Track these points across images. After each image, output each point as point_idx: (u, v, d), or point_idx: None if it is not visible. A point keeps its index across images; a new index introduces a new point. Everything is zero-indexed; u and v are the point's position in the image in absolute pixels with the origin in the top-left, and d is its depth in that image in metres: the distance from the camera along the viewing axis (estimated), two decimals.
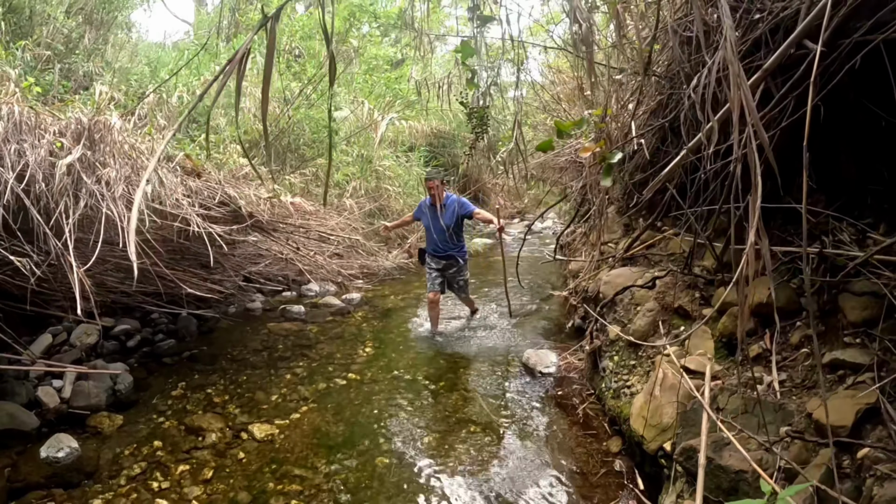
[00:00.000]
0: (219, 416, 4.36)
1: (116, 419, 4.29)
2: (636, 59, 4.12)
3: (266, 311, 7.10)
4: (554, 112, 8.38)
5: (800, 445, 2.21)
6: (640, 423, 3.25)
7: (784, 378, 2.70)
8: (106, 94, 5.22)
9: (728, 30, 1.81)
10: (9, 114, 3.97)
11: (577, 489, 3.38)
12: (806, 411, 2.37)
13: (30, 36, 6.37)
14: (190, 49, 9.73)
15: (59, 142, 4.04)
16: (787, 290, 3.09)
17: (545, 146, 3.22)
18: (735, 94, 1.74)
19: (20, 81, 4.48)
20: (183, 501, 3.37)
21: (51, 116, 4.29)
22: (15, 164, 3.74)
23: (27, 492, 3.43)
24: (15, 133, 3.91)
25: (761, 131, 1.68)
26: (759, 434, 2.40)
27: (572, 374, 4.99)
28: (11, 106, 4.03)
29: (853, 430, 2.14)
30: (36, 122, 4.13)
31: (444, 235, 6.10)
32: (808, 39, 2.09)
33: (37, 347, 4.97)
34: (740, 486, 2.23)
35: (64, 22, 7.02)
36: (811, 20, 2.03)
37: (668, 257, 4.74)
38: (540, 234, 13.06)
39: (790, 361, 2.78)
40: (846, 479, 2.02)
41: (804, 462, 2.13)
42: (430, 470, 3.64)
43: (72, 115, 4.32)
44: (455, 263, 6.23)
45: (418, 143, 11.71)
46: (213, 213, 5.10)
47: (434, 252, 6.27)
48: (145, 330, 6.01)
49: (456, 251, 6.22)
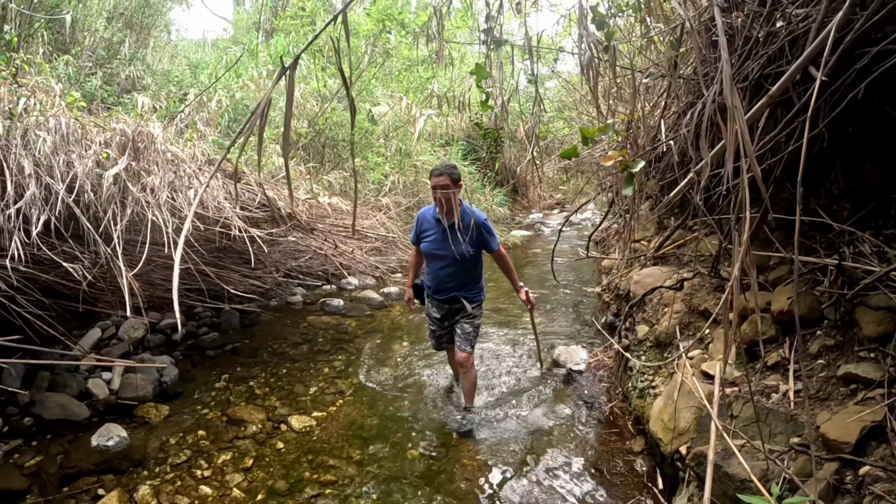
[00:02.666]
0: (259, 408, 4.58)
1: (163, 409, 4.53)
2: (662, 62, 4.13)
3: (306, 305, 7.30)
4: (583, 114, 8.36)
5: (805, 458, 2.28)
6: (659, 426, 3.34)
7: (799, 388, 2.75)
8: (147, 105, 5.46)
9: (724, 63, 1.87)
10: (56, 126, 4.18)
11: (597, 485, 3.50)
12: (815, 423, 2.42)
13: (72, 45, 6.65)
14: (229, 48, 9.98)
15: (105, 153, 4.27)
16: (809, 298, 3.11)
17: (569, 153, 3.30)
18: (731, 129, 1.80)
19: (65, 94, 4.72)
20: (225, 488, 3.59)
21: (96, 128, 4.53)
22: (64, 175, 3.99)
23: (78, 478, 3.66)
24: (63, 145, 4.15)
25: (754, 164, 1.75)
26: (769, 444, 2.47)
27: (602, 371, 5.06)
28: (58, 119, 4.24)
29: (857, 446, 2.19)
30: (82, 133, 4.36)
31: (455, 269, 4.11)
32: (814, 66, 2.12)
33: (87, 342, 5.23)
34: (745, 494, 2.31)
35: (105, 30, 7.30)
36: (818, 45, 2.07)
37: (697, 258, 4.76)
38: (578, 225, 13.06)
39: (807, 371, 2.82)
40: (846, 494, 2.08)
41: (808, 475, 2.19)
42: (458, 461, 3.81)
43: (116, 126, 4.55)
44: (462, 308, 4.26)
45: (456, 136, 11.80)
46: (254, 214, 5.33)
47: (436, 292, 4.28)
48: (190, 324, 6.24)
49: (466, 292, 4.22)
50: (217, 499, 3.49)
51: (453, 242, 3.93)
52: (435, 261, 4.17)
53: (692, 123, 2.96)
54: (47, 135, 4.06)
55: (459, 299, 4.22)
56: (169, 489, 3.57)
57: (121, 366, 4.80)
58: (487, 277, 4.46)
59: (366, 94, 9.48)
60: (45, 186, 3.91)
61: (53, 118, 4.24)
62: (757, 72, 2.78)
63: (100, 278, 4.15)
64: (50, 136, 4.08)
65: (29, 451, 3.92)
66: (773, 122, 2.95)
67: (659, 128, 4.49)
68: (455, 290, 4.20)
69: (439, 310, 4.37)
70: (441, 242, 4.04)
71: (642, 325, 4.69)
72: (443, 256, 4.08)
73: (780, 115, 2.85)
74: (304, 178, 6.70)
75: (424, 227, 4.18)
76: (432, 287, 4.28)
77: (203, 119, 6.46)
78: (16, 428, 4.17)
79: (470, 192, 11.02)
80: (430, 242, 4.12)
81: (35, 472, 3.72)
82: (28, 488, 3.56)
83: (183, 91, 7.60)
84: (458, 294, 4.21)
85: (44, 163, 3.97)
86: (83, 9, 7.19)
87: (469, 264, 4.11)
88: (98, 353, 5.15)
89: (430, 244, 4.13)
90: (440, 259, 4.12)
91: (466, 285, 4.17)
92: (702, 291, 4.22)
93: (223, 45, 11.20)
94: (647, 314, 4.78)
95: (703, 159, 2.20)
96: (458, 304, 4.26)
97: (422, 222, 4.21)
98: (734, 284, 1.72)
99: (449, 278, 4.17)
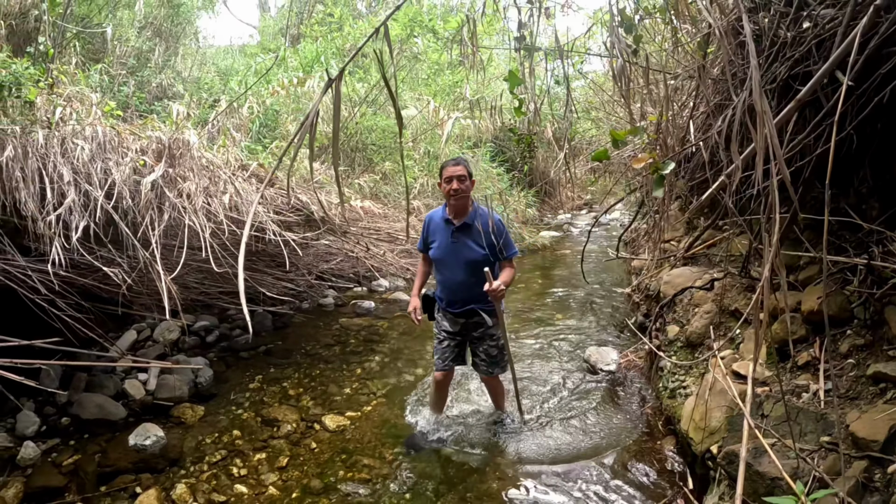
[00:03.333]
0: (293, 408, 4.68)
1: (198, 410, 4.64)
2: (690, 63, 4.15)
3: (338, 307, 7.42)
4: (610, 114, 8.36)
5: (835, 457, 2.30)
6: (690, 425, 3.36)
7: (829, 387, 2.76)
8: (182, 114, 5.63)
9: (753, 70, 1.92)
10: (93, 135, 4.31)
11: (628, 485, 3.53)
12: (845, 423, 2.45)
13: (104, 54, 6.86)
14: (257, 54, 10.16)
15: (141, 160, 4.40)
16: (839, 297, 3.12)
17: (600, 156, 3.34)
18: (760, 134, 1.85)
19: (102, 103, 4.88)
20: (260, 486, 3.69)
21: (132, 136, 4.66)
22: (102, 182, 4.10)
23: (116, 476, 3.76)
24: (100, 153, 4.26)
25: (783, 169, 1.79)
26: (800, 442, 2.49)
27: (633, 372, 5.09)
28: (95, 127, 4.36)
29: (885, 444, 2.22)
30: (119, 141, 4.48)
31: (469, 277, 3.66)
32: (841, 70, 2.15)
33: (123, 343, 5.39)
34: (776, 492, 2.34)
35: (136, 39, 7.52)
36: (843, 49, 2.10)
37: (728, 258, 4.75)
38: (607, 226, 13.03)
39: (837, 370, 2.84)
40: (875, 492, 2.11)
41: (837, 473, 2.22)
42: (490, 460, 3.87)
43: (151, 133, 4.68)
44: (482, 322, 3.81)
45: (484, 138, 11.87)
46: (287, 218, 5.46)
47: (449, 304, 3.83)
48: (223, 326, 6.36)
49: (486, 304, 3.74)
50: (253, 497, 3.59)
51: (466, 244, 3.61)
52: (446, 269, 3.75)
53: (723, 126, 2.99)
54: (85, 143, 4.17)
55: (477, 312, 3.76)
56: (205, 487, 3.67)
57: (157, 367, 4.91)
58: (517, 279, 4.47)
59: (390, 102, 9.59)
60: (84, 193, 4.02)
61: (90, 127, 4.35)
62: (784, 74, 2.81)
63: (137, 282, 4.28)
64: (87, 144, 4.19)
65: (67, 450, 4.04)
66: (802, 122, 2.96)
67: (688, 128, 4.50)
68: (472, 302, 3.73)
69: (453, 324, 3.89)
70: (452, 246, 3.65)
71: (673, 325, 4.71)
72: (455, 263, 3.68)
73: (808, 117, 2.87)
74: (335, 182, 6.81)
75: (433, 230, 3.79)
76: (445, 299, 3.84)
77: (234, 125, 6.62)
78: (54, 427, 4.29)
79: (500, 193, 11.07)
80: (441, 248, 3.72)
81: (73, 470, 3.84)
82: (66, 486, 3.67)
83: (213, 97, 7.78)
84: (476, 306, 3.75)
85: (82, 170, 4.08)
86: (114, 19, 7.42)
87: (480, 268, 3.52)
88: (134, 354, 5.29)
89: (441, 250, 3.72)
90: (452, 266, 3.70)
91: (484, 295, 3.55)
92: (732, 291, 4.23)
93: (251, 50, 11.42)
94: (678, 314, 4.79)
95: (733, 163, 2.24)
96: (475, 318, 3.80)
97: (430, 225, 3.82)
98: (764, 285, 1.77)
99: (463, 288, 3.72)
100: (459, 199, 3.57)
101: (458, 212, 3.64)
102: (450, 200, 3.60)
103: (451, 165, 3.55)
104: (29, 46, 5.24)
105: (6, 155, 3.76)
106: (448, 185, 3.52)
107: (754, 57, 1.97)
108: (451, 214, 3.67)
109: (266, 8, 16.51)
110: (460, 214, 3.64)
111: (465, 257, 3.62)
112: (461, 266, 3.66)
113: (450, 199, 3.59)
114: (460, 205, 3.60)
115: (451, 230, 3.65)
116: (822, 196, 3.29)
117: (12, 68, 4.22)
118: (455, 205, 3.60)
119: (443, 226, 3.71)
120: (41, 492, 3.60)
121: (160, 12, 8.46)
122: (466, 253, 3.61)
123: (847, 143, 2.78)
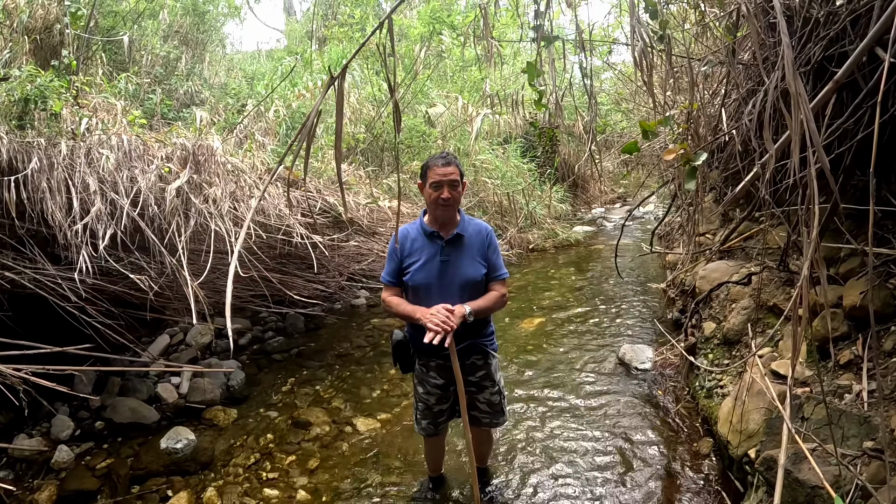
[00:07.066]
0: (325, 411, 4.66)
1: (230, 413, 4.66)
2: (719, 48, 3.98)
3: (370, 307, 7.39)
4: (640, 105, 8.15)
5: (879, 464, 2.15)
6: (727, 428, 3.22)
7: (874, 388, 2.60)
8: (206, 120, 5.66)
9: (786, 48, 1.79)
10: (119, 144, 4.34)
11: (663, 488, 3.41)
12: (890, 426, 2.29)
13: (130, 64, 6.94)
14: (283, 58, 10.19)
15: (167, 167, 4.43)
16: (883, 291, 2.94)
17: (630, 149, 3.22)
18: (795, 118, 1.72)
19: (126, 112, 4.93)
20: (290, 490, 3.67)
21: (157, 143, 4.69)
22: (128, 190, 4.13)
23: (148, 479, 3.80)
24: (126, 161, 4.29)
25: (822, 157, 1.66)
26: (842, 448, 2.34)
27: (668, 370, 4.93)
28: (120, 136, 4.40)
29: None
30: (144, 149, 4.51)
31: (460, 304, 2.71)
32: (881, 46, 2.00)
33: (155, 348, 5.43)
34: (816, 501, 2.21)
35: (161, 48, 7.61)
36: (883, 24, 1.95)
37: (765, 251, 4.57)
38: (641, 219, 12.76)
39: (882, 370, 2.67)
40: None
41: (882, 482, 2.07)
42: (520, 461, 3.79)
43: (176, 140, 4.71)
44: (479, 362, 2.98)
45: (514, 133, 11.73)
46: (315, 220, 5.44)
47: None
48: (255, 328, 6.39)
49: (485, 337, 2.98)
50: (283, 500, 3.57)
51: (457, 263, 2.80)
52: (433, 296, 2.77)
53: (754, 112, 2.84)
54: (110, 152, 4.20)
55: (478, 348, 2.94)
56: (237, 490, 3.67)
57: (189, 371, 4.96)
58: (550, 275, 4.32)
59: (421, 96, 9.54)
60: (111, 202, 4.05)
61: (116, 136, 4.39)
62: (819, 55, 2.65)
63: (166, 287, 4.30)
64: (113, 153, 4.22)
65: (100, 453, 4.09)
66: (840, 106, 2.79)
67: (720, 117, 4.33)
68: (469, 337, 2.86)
69: (440, 373, 2.97)
70: (442, 266, 2.80)
71: (709, 321, 4.56)
72: (446, 286, 2.79)
73: (846, 100, 2.70)
74: (363, 183, 6.78)
75: (412, 249, 2.86)
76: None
77: (261, 129, 6.63)
78: (88, 431, 4.35)
79: (530, 189, 10.93)
80: (425, 269, 2.81)
81: (106, 473, 3.89)
82: (99, 489, 3.73)
83: (240, 103, 7.83)
84: (476, 341, 2.92)
85: (108, 179, 4.11)
86: (139, 29, 7.51)
87: (478, 294, 2.83)
88: (167, 358, 5.33)
89: (425, 272, 2.81)
90: (442, 291, 2.78)
91: (480, 328, 2.89)
92: (770, 286, 4.05)
93: (278, 55, 11.48)
94: (714, 310, 4.63)
95: (767, 151, 2.11)
96: (474, 357, 2.96)
97: (407, 244, 2.88)
98: (804, 281, 1.64)
99: None
100: (449, 208, 2.79)
101: (446, 222, 2.84)
102: (436, 210, 2.79)
103: (440, 166, 2.73)
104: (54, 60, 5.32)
105: (31, 167, 3.81)
106: (436, 192, 2.72)
107: (786, 35, 1.84)
108: (436, 226, 2.85)
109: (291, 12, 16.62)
110: (449, 225, 2.85)
111: (461, 277, 2.79)
112: (454, 289, 2.78)
113: (437, 209, 2.78)
114: (449, 214, 2.82)
115: (439, 246, 2.82)
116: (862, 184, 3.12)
117: (37, 81, 4.27)
118: (443, 214, 2.80)
119: (427, 241, 2.85)
120: (74, 495, 3.66)
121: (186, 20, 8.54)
122: (462, 271, 2.80)
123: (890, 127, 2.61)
